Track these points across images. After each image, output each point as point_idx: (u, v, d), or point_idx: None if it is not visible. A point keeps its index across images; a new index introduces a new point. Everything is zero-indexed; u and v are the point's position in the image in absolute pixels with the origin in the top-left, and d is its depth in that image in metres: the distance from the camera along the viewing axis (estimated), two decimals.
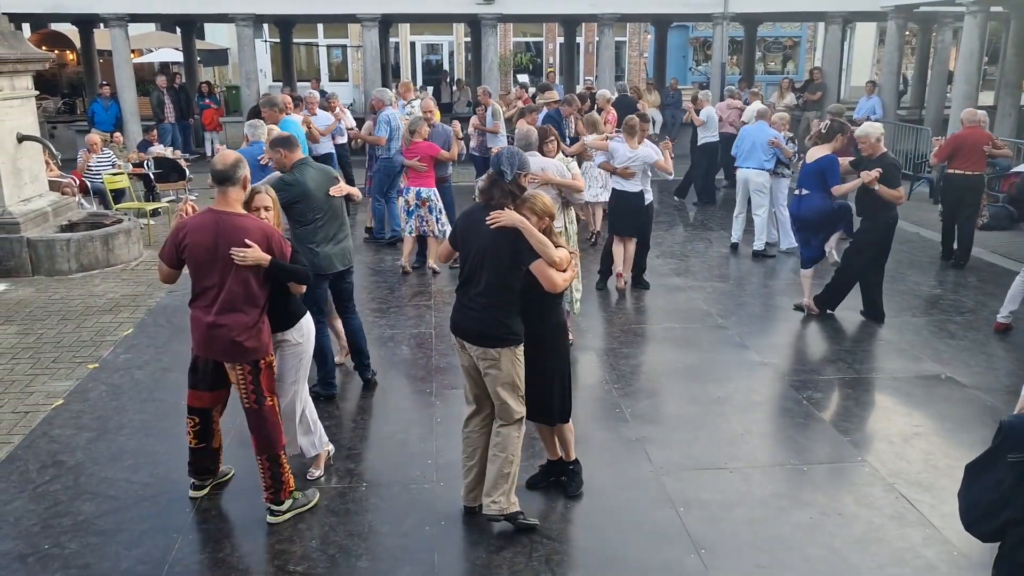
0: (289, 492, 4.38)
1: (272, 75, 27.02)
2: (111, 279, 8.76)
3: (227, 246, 4.07)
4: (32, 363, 6.50)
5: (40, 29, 22.10)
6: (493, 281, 4.05)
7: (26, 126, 9.30)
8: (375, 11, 16.24)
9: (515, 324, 4.10)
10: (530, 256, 4.00)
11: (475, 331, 4.11)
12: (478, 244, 4.08)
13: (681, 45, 28.95)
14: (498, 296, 4.06)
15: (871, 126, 7.24)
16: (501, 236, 3.99)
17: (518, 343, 4.12)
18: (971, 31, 13.67)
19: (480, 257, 4.07)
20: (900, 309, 7.76)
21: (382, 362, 6.55)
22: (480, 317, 4.08)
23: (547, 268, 4.01)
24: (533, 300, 4.15)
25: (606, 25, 16.87)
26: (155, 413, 5.64)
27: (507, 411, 4.17)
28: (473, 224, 4.14)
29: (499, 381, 4.11)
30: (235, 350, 4.17)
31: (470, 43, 25.03)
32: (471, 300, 4.12)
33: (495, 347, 4.07)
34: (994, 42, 21.65)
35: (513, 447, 4.20)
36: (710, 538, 4.23)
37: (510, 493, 4.22)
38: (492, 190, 4.11)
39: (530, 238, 3.98)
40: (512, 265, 4.04)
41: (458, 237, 4.28)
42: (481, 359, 4.12)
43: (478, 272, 4.09)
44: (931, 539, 4.23)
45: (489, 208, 4.07)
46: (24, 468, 4.91)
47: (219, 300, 4.14)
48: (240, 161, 4.22)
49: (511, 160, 4.12)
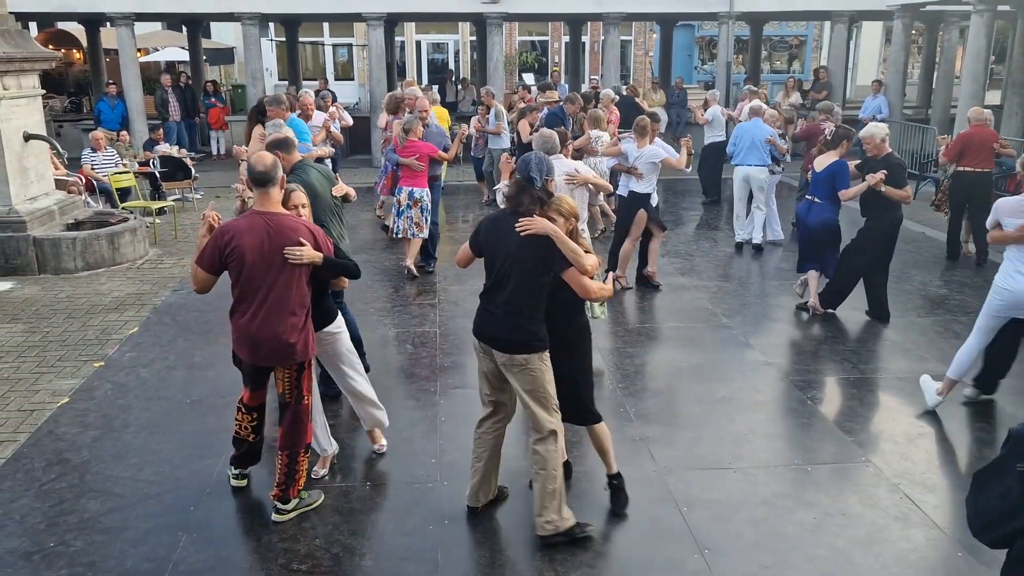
0: (298, 491, 4.41)
1: (278, 74, 27.05)
2: (117, 277, 8.79)
3: (279, 246, 4.06)
4: (38, 361, 6.52)
5: (47, 28, 22.16)
6: (522, 288, 3.98)
7: (32, 125, 9.34)
8: (380, 10, 16.26)
9: (541, 330, 4.05)
10: (563, 264, 3.94)
11: (502, 337, 4.04)
12: (506, 251, 3.99)
13: (687, 44, 28.91)
14: (525, 303, 4.00)
15: (875, 127, 7.23)
16: (531, 244, 3.91)
17: (545, 348, 4.06)
18: (978, 30, 13.62)
19: (508, 264, 3.99)
20: (905, 309, 7.74)
21: (386, 361, 6.57)
22: (507, 324, 4.01)
23: (580, 276, 3.96)
24: (558, 304, 4.12)
25: (611, 24, 16.86)
26: (160, 411, 5.66)
27: (539, 423, 4.07)
28: (500, 231, 4.04)
29: (528, 390, 4.04)
30: (285, 352, 4.18)
31: (475, 42, 25.04)
32: (497, 307, 4.04)
33: (522, 353, 4.01)
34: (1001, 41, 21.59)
35: (554, 462, 4.08)
36: (714, 538, 4.23)
37: (561, 508, 4.13)
38: (521, 196, 4.00)
39: (562, 246, 3.91)
40: (542, 272, 3.97)
41: (481, 243, 4.17)
42: (507, 365, 4.05)
43: (506, 279, 4.00)
44: (935, 540, 4.22)
45: (518, 215, 3.98)
46: (30, 466, 4.93)
47: (267, 303, 4.11)
48: (278, 162, 4.24)
49: (540, 166, 4.02)
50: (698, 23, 27.52)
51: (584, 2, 16.89)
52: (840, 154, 7.32)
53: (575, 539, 4.14)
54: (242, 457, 4.67)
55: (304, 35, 24.47)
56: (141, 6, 15.92)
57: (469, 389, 6.01)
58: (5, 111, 8.82)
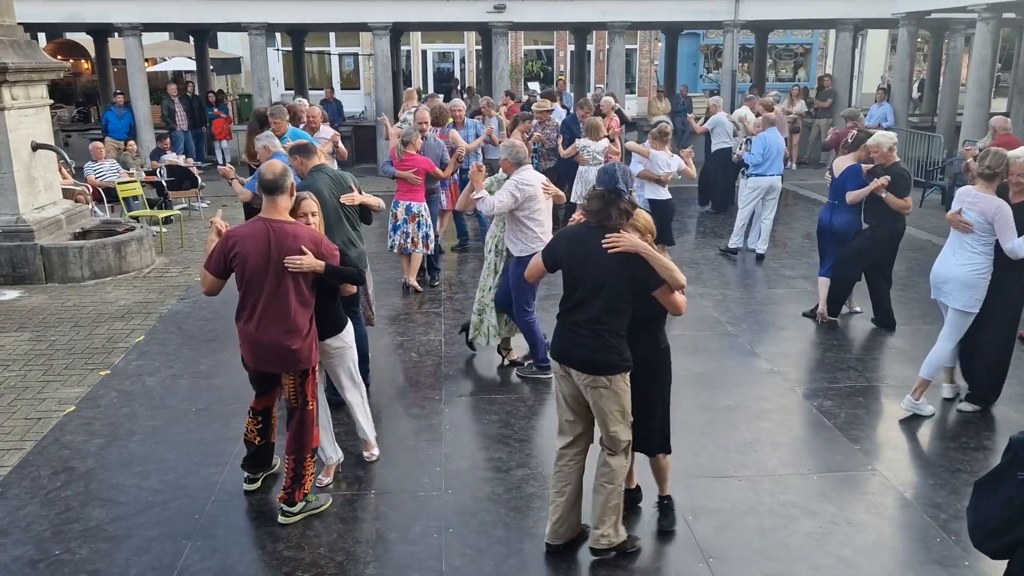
0: (303, 495, 4.43)
1: (284, 83, 27.18)
2: (123, 286, 8.82)
3: (281, 254, 4.10)
4: (44, 370, 6.55)
5: (55, 39, 22.32)
6: (609, 308, 3.84)
7: (40, 135, 9.40)
8: (386, 19, 16.33)
9: (625, 350, 3.91)
10: (656, 282, 3.81)
11: (586, 359, 3.89)
12: (592, 269, 3.84)
13: (692, 53, 28.95)
14: (611, 322, 3.86)
15: (884, 135, 7.23)
16: (622, 261, 3.77)
17: (629, 368, 3.93)
18: (983, 38, 13.61)
19: (595, 283, 3.84)
20: (911, 317, 7.72)
21: (391, 369, 6.57)
22: (591, 344, 3.86)
23: (671, 293, 3.84)
24: (639, 324, 3.97)
25: (617, 33, 16.90)
26: (166, 420, 5.67)
27: (615, 439, 3.97)
28: (583, 247, 3.89)
29: (610, 409, 3.91)
30: (287, 359, 4.23)
31: (481, 51, 25.11)
32: (580, 326, 3.90)
33: (607, 374, 3.87)
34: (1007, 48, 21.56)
35: (621, 477, 4.03)
36: (719, 547, 4.21)
37: (618, 524, 4.07)
38: (608, 210, 3.82)
39: (655, 263, 3.77)
40: (632, 290, 3.83)
41: (560, 257, 4.01)
42: (591, 387, 3.91)
43: (592, 297, 3.86)
44: (941, 549, 4.20)
45: (605, 229, 3.83)
46: (36, 474, 4.94)
47: (269, 309, 4.16)
48: (287, 170, 4.27)
49: (624, 176, 3.86)
50: (703, 31, 27.57)
51: (589, 11, 16.92)
52: (858, 158, 7.33)
53: (627, 553, 4.12)
54: (251, 460, 4.72)
55: (310, 45, 24.57)
56: (149, 16, 16.03)
57: (473, 397, 6.02)
58: (13, 121, 8.87)
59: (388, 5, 16.22)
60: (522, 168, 6.04)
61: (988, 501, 2.22)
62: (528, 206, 5.98)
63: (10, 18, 9.27)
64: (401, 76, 24.02)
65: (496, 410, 5.83)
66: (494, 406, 5.89)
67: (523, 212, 5.98)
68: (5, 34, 9.03)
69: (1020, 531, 2.13)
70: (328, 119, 11.62)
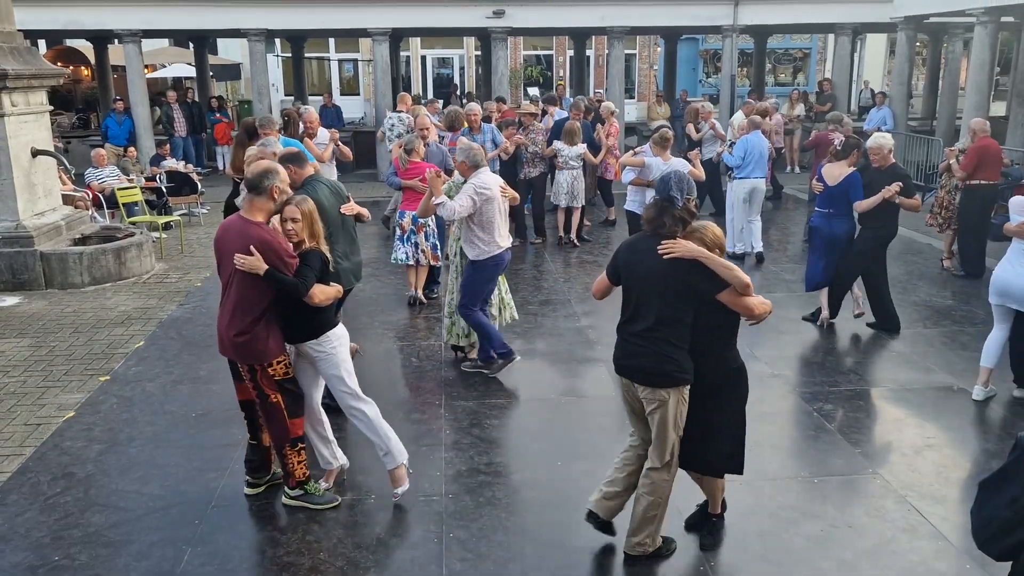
0: (297, 483, 4.52)
1: (284, 89, 27.22)
2: (123, 292, 8.82)
3: (239, 250, 4.20)
4: (44, 376, 6.54)
5: (55, 45, 22.37)
6: (664, 316, 3.78)
7: (40, 141, 9.40)
8: (386, 25, 16.36)
9: (685, 361, 3.83)
10: (716, 285, 3.73)
11: (644, 370, 3.86)
12: (646, 278, 3.82)
13: (691, 57, 28.99)
14: (668, 332, 3.79)
15: (882, 137, 7.27)
16: (675, 267, 3.72)
17: (689, 382, 3.85)
18: (982, 41, 13.64)
19: (649, 291, 3.81)
20: (912, 320, 7.72)
21: (391, 374, 6.57)
22: (649, 355, 3.82)
23: (739, 296, 3.75)
24: (705, 340, 3.87)
25: (616, 38, 16.92)
26: (165, 425, 5.67)
27: (661, 452, 3.92)
28: (640, 256, 3.88)
29: (665, 423, 3.86)
30: (234, 349, 4.39)
31: (480, 57, 25.16)
32: (637, 337, 3.86)
33: (665, 387, 3.82)
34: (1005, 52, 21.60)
35: (662, 492, 3.98)
36: (720, 550, 4.20)
37: (656, 534, 4.06)
38: (662, 217, 3.81)
39: (713, 265, 3.71)
40: (689, 297, 3.77)
41: (619, 270, 4.01)
42: (648, 399, 3.87)
43: (647, 306, 3.82)
44: (943, 552, 4.19)
45: (659, 236, 3.79)
46: (35, 480, 4.94)
47: (228, 300, 4.37)
48: (268, 172, 4.34)
49: (680, 184, 3.83)
50: (702, 36, 27.61)
51: (588, 16, 16.95)
52: (851, 163, 7.33)
53: (660, 555, 4.13)
54: (247, 462, 4.76)
55: (310, 51, 24.63)
56: (148, 23, 16.05)
57: (474, 402, 6.01)
58: (13, 127, 8.88)
59: (387, 11, 16.26)
60: (480, 171, 6.06)
61: (993, 501, 2.19)
62: (486, 210, 6.02)
63: (10, 25, 9.29)
64: (401, 82, 24.07)
65: (496, 415, 5.82)
66: (495, 411, 5.88)
67: (479, 216, 6.02)
68: (5, 41, 9.04)
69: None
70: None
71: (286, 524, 4.47)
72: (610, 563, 4.12)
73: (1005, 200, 11.65)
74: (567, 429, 5.63)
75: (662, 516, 4.06)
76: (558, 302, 8.42)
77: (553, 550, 4.21)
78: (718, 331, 3.91)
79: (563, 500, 4.65)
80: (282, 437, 4.44)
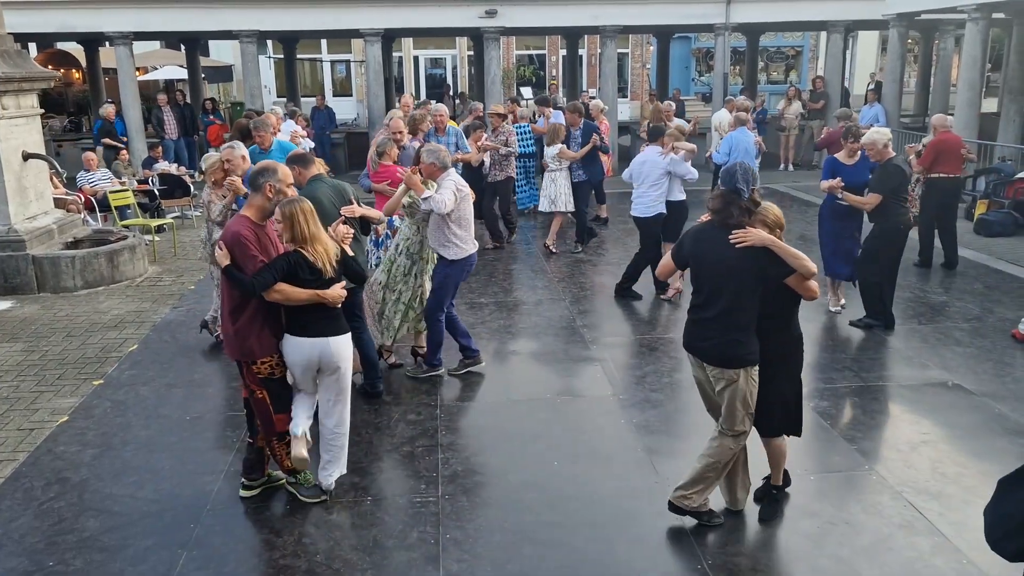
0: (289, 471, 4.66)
1: (276, 91, 27.17)
2: (116, 296, 8.78)
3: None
4: (37, 380, 6.51)
5: (46, 48, 22.28)
6: (735, 302, 4.02)
7: (31, 144, 9.36)
8: (378, 26, 16.34)
9: (753, 343, 4.08)
10: (785, 271, 3.97)
11: (714, 353, 4.10)
12: (717, 265, 4.03)
13: (684, 56, 29.03)
14: (738, 317, 4.03)
15: (877, 132, 7.28)
16: (747, 256, 3.94)
17: (756, 362, 4.10)
18: (973, 38, 13.68)
19: (721, 279, 4.03)
20: (907, 316, 7.73)
21: (386, 374, 6.54)
22: (719, 339, 4.06)
23: (804, 280, 3.99)
24: (771, 317, 4.12)
25: (608, 37, 16.92)
26: (160, 429, 5.64)
27: (733, 422, 4.17)
28: (709, 244, 4.07)
29: (733, 401, 4.12)
30: (226, 344, 4.60)
31: (473, 57, 25.14)
32: (710, 321, 4.08)
33: (735, 367, 4.06)
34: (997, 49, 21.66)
35: (723, 455, 4.22)
36: (716, 548, 4.20)
37: (705, 492, 4.28)
38: (730, 208, 4.01)
39: (782, 253, 3.93)
40: (759, 284, 4.00)
41: (685, 256, 4.24)
42: (718, 379, 4.13)
43: (719, 292, 4.04)
44: (940, 548, 4.19)
45: (727, 227, 3.99)
46: (29, 485, 4.91)
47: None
48: (264, 170, 4.51)
49: (745, 176, 4.02)
50: (695, 35, 27.65)
51: (581, 15, 16.96)
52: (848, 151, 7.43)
53: (700, 523, 4.30)
54: (244, 460, 4.80)
55: (302, 52, 24.59)
56: (139, 25, 16.00)
57: (469, 403, 6.00)
58: (4, 131, 8.84)
59: (379, 11, 16.24)
60: (449, 172, 6.04)
61: (1011, 498, 2.09)
62: (464, 207, 6.02)
63: (0, 28, 9.25)
64: (393, 83, 24.04)
65: (492, 415, 5.81)
66: (491, 411, 5.87)
67: (457, 213, 5.99)
68: None
69: None
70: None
71: (282, 527, 4.45)
72: (609, 562, 4.11)
73: (997, 195, 11.72)
74: (564, 429, 5.62)
75: (715, 481, 4.28)
76: (553, 301, 8.41)
77: (551, 550, 4.20)
78: (783, 307, 4.17)
79: (560, 500, 4.64)
80: (268, 431, 4.56)
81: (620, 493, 4.73)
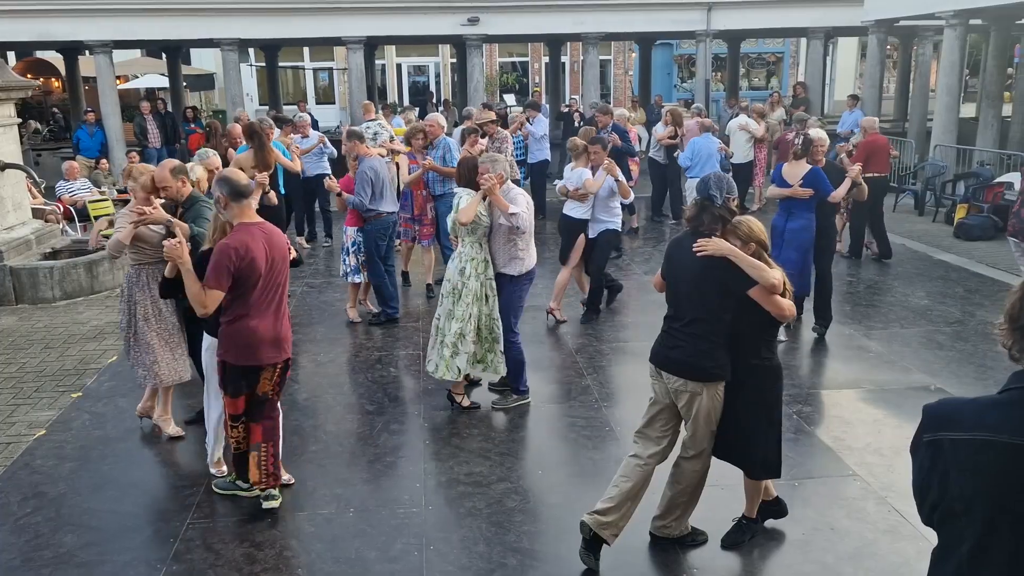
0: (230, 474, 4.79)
1: (259, 99, 27.07)
2: (95, 306, 8.68)
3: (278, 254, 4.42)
4: (14, 393, 6.41)
5: (25, 57, 22.10)
6: (703, 312, 3.92)
7: (8, 154, 9.26)
8: (360, 33, 16.31)
9: (722, 357, 3.93)
10: (744, 283, 3.84)
11: (680, 362, 3.95)
12: (685, 273, 3.98)
13: (666, 63, 29.18)
14: (708, 327, 3.91)
15: (821, 130, 7.70)
16: (709, 265, 3.85)
17: (724, 378, 3.96)
18: (951, 44, 13.80)
19: (687, 287, 3.97)
20: (888, 321, 7.76)
21: (369, 384, 6.50)
22: (686, 348, 3.93)
23: (768, 294, 3.84)
24: (742, 336, 3.97)
25: (591, 44, 16.98)
26: (139, 442, 5.57)
27: (693, 444, 4.05)
28: (682, 252, 4.02)
29: (697, 415, 3.97)
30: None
31: (456, 64, 25.14)
32: (677, 331, 3.99)
33: (699, 380, 3.91)
34: (975, 54, 21.89)
35: (690, 480, 4.12)
36: (702, 557, 4.18)
37: (683, 519, 4.21)
38: (701, 216, 3.97)
39: (741, 263, 3.82)
40: (722, 294, 3.89)
41: (664, 265, 4.21)
42: (680, 391, 3.96)
43: (685, 302, 3.98)
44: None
45: (698, 234, 3.94)
46: (5, 500, 4.83)
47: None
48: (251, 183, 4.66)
49: (719, 184, 3.98)
50: (676, 41, 27.80)
51: (563, 22, 16.99)
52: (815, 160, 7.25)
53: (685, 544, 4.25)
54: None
55: (284, 60, 24.52)
56: (119, 33, 15.90)
57: (452, 411, 5.96)
58: None
59: (362, 19, 16.21)
60: (511, 184, 5.75)
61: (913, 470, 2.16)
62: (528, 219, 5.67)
63: None
64: (376, 90, 23.99)
65: (476, 424, 5.77)
66: (474, 420, 5.83)
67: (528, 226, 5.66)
68: None
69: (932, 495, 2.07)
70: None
71: (263, 540, 4.39)
72: (595, 572, 4.08)
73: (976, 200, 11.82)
74: (548, 438, 5.60)
75: (690, 505, 4.19)
76: (538, 309, 8.38)
77: (536, 560, 4.17)
78: (755, 328, 4.00)
79: (545, 510, 4.62)
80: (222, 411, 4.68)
81: None
